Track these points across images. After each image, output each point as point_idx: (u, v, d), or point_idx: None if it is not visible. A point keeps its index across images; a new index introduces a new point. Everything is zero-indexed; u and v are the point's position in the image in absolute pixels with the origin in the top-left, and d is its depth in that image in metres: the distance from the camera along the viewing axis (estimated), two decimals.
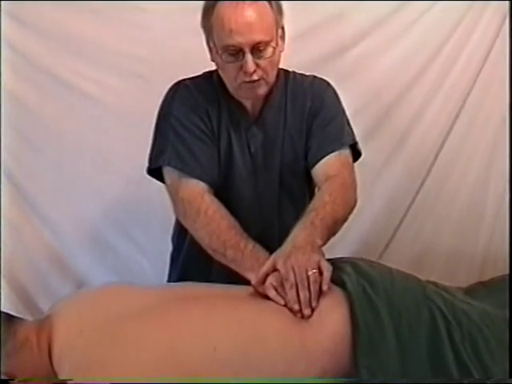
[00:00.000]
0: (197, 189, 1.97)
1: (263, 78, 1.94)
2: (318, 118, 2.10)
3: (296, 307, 1.60)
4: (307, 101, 2.11)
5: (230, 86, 2.00)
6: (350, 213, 2.00)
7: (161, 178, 2.08)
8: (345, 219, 1.97)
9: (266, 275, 1.72)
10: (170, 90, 2.09)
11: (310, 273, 1.63)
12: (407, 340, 1.56)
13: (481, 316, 1.71)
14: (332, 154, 2.07)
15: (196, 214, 1.93)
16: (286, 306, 1.63)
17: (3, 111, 2.73)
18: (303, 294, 1.61)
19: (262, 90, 1.98)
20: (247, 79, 1.91)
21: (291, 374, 1.49)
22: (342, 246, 2.94)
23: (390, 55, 3.04)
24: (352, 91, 2.42)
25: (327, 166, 2.07)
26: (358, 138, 2.18)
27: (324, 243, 1.82)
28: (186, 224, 2.02)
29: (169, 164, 2.01)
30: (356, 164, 2.16)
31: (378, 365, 1.50)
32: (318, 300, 1.62)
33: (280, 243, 1.80)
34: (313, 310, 1.61)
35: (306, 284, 1.62)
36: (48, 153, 2.86)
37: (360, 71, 3.03)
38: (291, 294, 1.62)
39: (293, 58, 2.16)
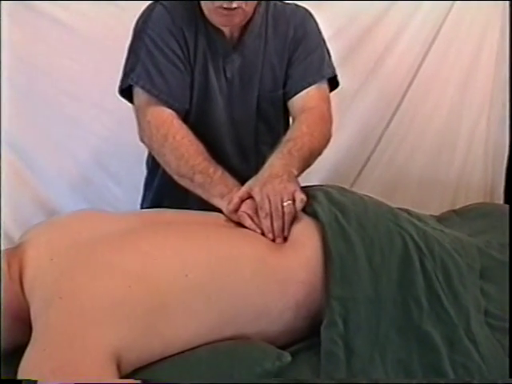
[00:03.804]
0: (165, 113, 1.94)
1: (241, 7, 1.88)
2: (300, 48, 2.09)
3: (270, 236, 1.62)
4: (290, 29, 2.09)
5: (206, 7, 1.94)
6: (325, 147, 2.00)
7: (131, 100, 2.04)
8: (320, 152, 1.97)
9: (241, 202, 1.72)
10: (147, 8, 2.03)
11: (285, 203, 1.63)
12: (380, 269, 1.55)
13: (453, 243, 1.73)
14: (312, 87, 2.07)
15: (164, 138, 1.89)
16: (262, 234, 1.64)
17: None
18: (277, 224, 1.62)
19: (238, 18, 1.93)
20: (225, 5, 1.86)
21: (265, 304, 1.49)
22: (314, 173, 2.90)
23: None
24: (326, 16, 2.38)
25: (306, 99, 2.07)
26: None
27: (299, 174, 1.81)
28: (152, 148, 1.98)
29: (137, 83, 1.97)
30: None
31: (351, 294, 1.49)
32: (289, 230, 1.63)
33: (257, 171, 1.79)
34: (285, 239, 1.62)
35: (281, 214, 1.62)
36: (18, 80, 2.79)
37: None
38: (265, 224, 1.63)
39: None
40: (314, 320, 1.53)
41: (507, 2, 3.02)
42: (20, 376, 1.24)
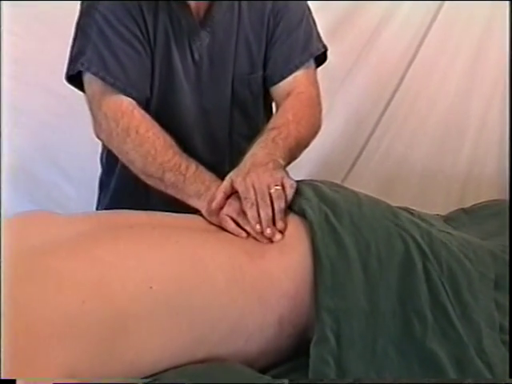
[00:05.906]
0: (124, 103, 1.91)
1: None
2: (283, 23, 2.08)
3: (257, 228, 1.59)
4: (268, 1, 2.07)
5: None
6: (314, 137, 2.01)
7: (82, 87, 2.00)
8: (307, 144, 1.97)
9: (226, 198, 1.70)
10: None
11: (272, 190, 1.62)
12: (377, 276, 1.55)
13: (462, 247, 1.72)
14: (299, 71, 2.07)
15: (125, 133, 1.87)
16: (247, 237, 1.62)
17: None
18: (264, 213, 1.60)
19: None
20: None
21: (242, 319, 1.48)
22: (300, 166, 2.91)
23: None
24: None
25: (293, 84, 2.07)
26: None
27: (285, 166, 1.80)
28: (112, 145, 1.96)
29: (88, 69, 1.93)
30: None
31: (343, 305, 1.48)
32: (283, 220, 1.62)
33: (231, 167, 1.78)
34: (281, 232, 1.61)
35: (269, 201, 1.61)
36: None
37: None
38: (251, 213, 1.61)
39: None
40: (299, 338, 1.54)
41: (507, 2, 3.03)
42: None
